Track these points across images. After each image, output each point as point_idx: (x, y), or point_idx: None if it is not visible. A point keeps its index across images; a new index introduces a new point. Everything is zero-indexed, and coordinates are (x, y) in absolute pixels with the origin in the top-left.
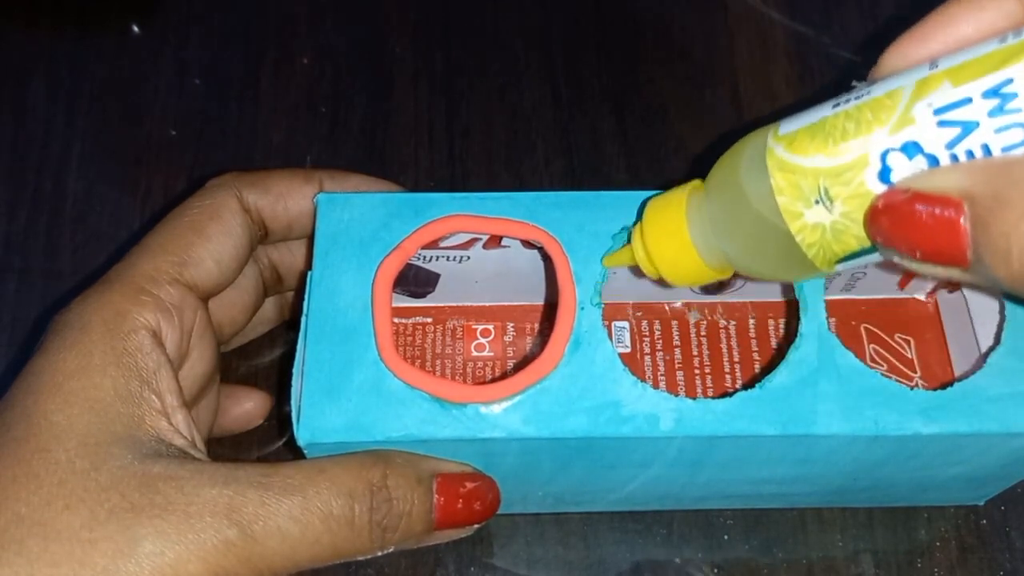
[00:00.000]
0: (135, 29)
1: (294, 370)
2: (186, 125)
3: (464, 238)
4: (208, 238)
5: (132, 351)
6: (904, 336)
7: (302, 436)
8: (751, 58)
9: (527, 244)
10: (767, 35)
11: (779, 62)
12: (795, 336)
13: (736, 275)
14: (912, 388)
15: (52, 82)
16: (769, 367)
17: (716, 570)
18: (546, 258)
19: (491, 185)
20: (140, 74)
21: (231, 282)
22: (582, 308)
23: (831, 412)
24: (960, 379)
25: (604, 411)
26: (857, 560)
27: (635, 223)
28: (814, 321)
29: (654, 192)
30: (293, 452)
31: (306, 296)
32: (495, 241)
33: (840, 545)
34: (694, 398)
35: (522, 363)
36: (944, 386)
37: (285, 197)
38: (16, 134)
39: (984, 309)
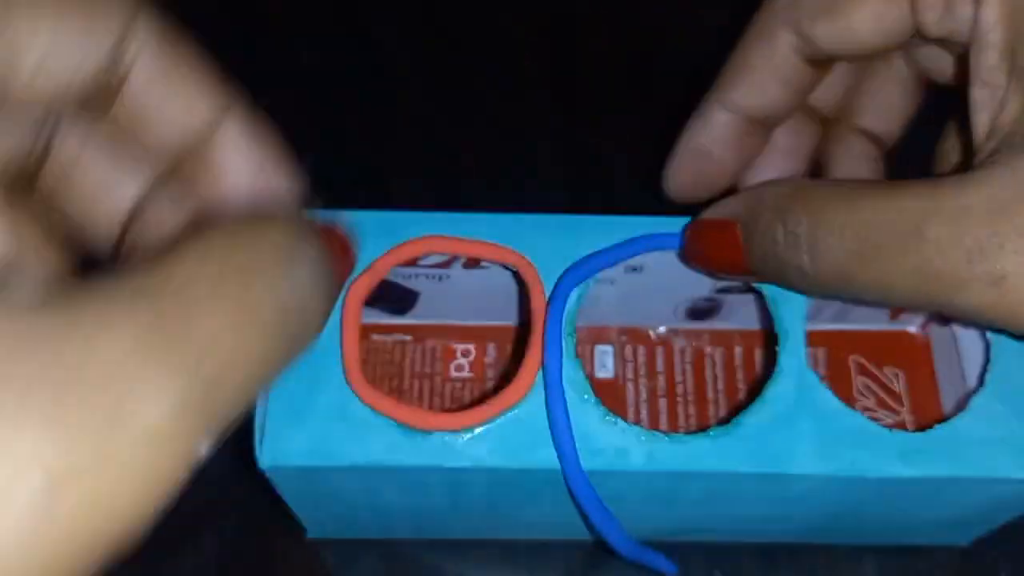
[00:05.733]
0: None
1: None
2: None
3: (443, 257)
4: None
5: None
6: (893, 369)
7: (264, 460)
8: None
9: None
10: None
11: None
12: (772, 371)
13: (726, 300)
14: (892, 428)
15: None
16: (753, 399)
17: (717, 571)
18: (521, 282)
19: (491, 187)
20: None
21: None
22: None
23: (807, 452)
24: (942, 421)
25: None
26: (859, 561)
27: None
28: (793, 356)
29: (636, 217)
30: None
31: None
32: (474, 261)
33: (842, 547)
34: (671, 430)
35: (498, 387)
36: (925, 428)
37: None
38: None
39: (972, 345)
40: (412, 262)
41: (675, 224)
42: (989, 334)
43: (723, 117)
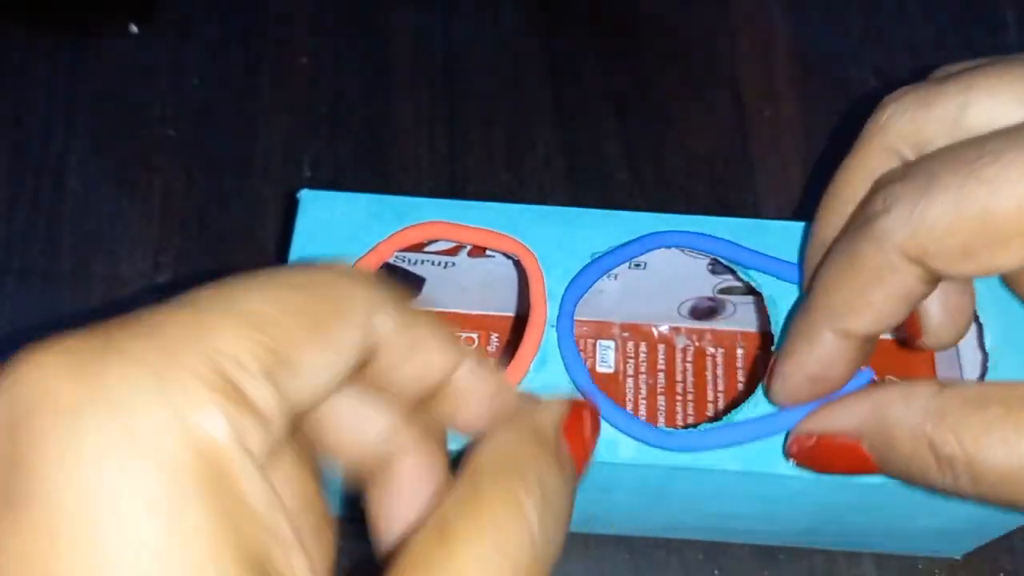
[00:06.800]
0: (134, 29)
1: None
2: (185, 125)
3: (449, 244)
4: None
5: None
6: (894, 378)
7: None
8: (751, 58)
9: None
10: (767, 35)
11: (779, 62)
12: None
13: (729, 301)
14: None
15: (52, 82)
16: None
17: (717, 571)
18: (522, 272)
19: (491, 185)
20: (139, 74)
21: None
22: (551, 326)
23: None
24: None
25: None
26: (858, 561)
27: None
28: None
29: (641, 214)
30: None
31: None
32: (480, 250)
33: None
34: (665, 426)
35: None
36: None
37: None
38: (16, 134)
39: (973, 355)
40: (418, 248)
41: (672, 222)
42: (987, 345)
43: (836, 343)
